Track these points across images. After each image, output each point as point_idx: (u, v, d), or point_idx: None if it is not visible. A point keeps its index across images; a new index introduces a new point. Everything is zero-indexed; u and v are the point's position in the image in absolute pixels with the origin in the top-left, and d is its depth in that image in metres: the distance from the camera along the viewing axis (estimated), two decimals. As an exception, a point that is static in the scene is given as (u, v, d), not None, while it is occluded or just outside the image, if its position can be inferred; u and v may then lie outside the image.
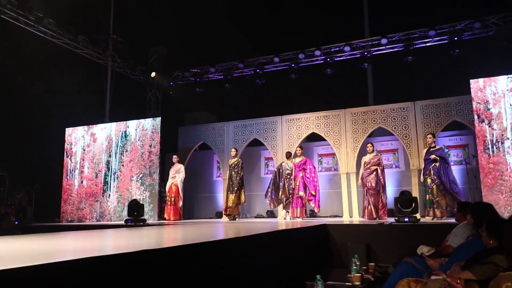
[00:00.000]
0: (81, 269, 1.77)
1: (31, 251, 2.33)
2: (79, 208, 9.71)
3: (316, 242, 5.55)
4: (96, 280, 1.83)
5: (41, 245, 2.80)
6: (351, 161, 8.99)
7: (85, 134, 10.16)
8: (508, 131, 7.21)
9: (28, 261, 1.68)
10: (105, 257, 1.97)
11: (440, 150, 7.54)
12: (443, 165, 7.15)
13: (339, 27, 13.23)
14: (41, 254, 2.18)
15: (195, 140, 10.82)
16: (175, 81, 12.36)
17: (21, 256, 2.08)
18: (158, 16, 12.78)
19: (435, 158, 7.17)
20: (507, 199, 6.93)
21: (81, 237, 3.90)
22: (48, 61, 10.89)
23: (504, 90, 7.38)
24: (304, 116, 9.72)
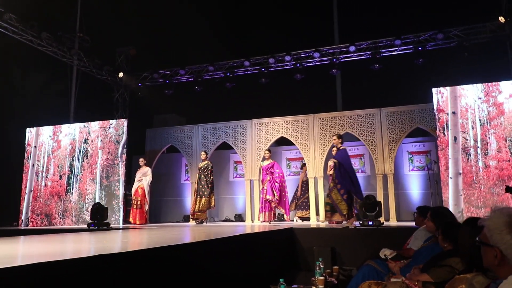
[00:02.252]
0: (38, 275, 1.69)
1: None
2: (46, 204, 9.38)
3: (283, 246, 5.58)
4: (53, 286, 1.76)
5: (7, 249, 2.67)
6: (319, 165, 9.12)
7: (50, 139, 9.78)
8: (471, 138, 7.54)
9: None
10: (63, 262, 1.90)
11: (340, 152, 7.19)
12: (343, 168, 6.97)
13: (310, 33, 13.46)
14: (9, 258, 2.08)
15: (163, 143, 10.66)
16: (143, 82, 12.14)
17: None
18: (127, 15, 12.56)
19: (334, 162, 7.06)
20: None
21: (41, 241, 3.75)
22: (9, 59, 10.46)
23: (464, 98, 7.72)
24: (273, 120, 9.79)
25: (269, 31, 13.69)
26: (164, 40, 13.27)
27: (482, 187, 7.24)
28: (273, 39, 13.05)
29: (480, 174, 7.30)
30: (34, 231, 7.76)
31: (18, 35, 9.44)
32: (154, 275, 2.48)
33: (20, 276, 1.63)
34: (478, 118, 7.54)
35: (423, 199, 9.34)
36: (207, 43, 12.60)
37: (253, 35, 13.77)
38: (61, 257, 2.03)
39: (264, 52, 11.07)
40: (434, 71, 11.09)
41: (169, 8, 12.43)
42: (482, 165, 7.33)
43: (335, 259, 5.27)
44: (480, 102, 7.59)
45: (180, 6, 12.29)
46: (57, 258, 1.98)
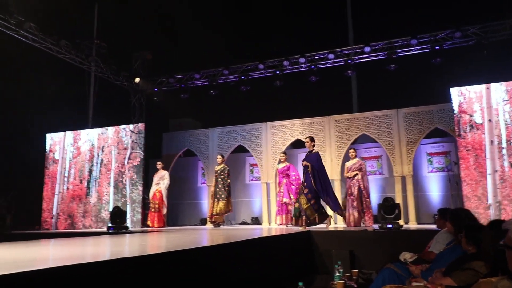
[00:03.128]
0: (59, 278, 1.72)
1: (5, 260, 2.25)
2: (69, 206, 9.65)
3: (300, 249, 5.54)
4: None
5: (18, 253, 2.72)
6: (336, 167, 9.05)
7: (71, 146, 9.99)
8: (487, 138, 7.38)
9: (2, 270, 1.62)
10: (84, 265, 1.92)
11: (313, 155, 7.00)
12: (314, 171, 6.77)
13: (324, 35, 13.39)
14: (17, 262, 2.12)
15: (179, 147, 10.74)
16: (159, 87, 12.27)
17: (-5, 266, 2.01)
18: (143, 21, 12.73)
19: (306, 165, 6.88)
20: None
21: (61, 245, 3.81)
22: (29, 66, 10.71)
23: (484, 97, 7.56)
24: (288, 123, 9.76)
25: (283, 33, 13.69)
26: (179, 44, 13.39)
27: (508, 186, 7.12)
28: (287, 41, 13.05)
29: (507, 173, 7.16)
30: (56, 234, 7.91)
31: (38, 43, 9.65)
32: (173, 278, 2.49)
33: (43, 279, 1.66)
34: (502, 119, 7.39)
35: (443, 201, 9.16)
36: (221, 47, 12.65)
37: (267, 38, 13.79)
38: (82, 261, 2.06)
39: (278, 54, 11.06)
40: (452, 70, 10.88)
41: (183, 12, 12.54)
42: (508, 165, 7.19)
43: (354, 263, 5.21)
44: (504, 103, 7.43)
45: (195, 10, 12.39)
46: (78, 261, 2.00)
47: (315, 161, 6.82)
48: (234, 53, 12.41)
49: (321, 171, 6.82)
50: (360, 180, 7.37)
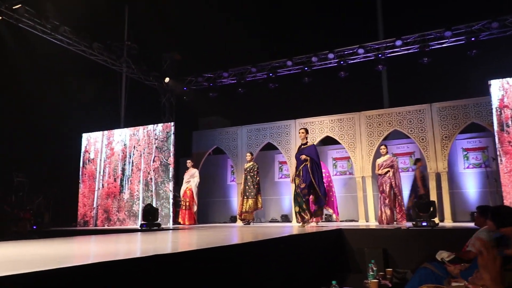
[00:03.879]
0: (95, 274, 1.75)
1: (45, 256, 2.33)
2: (105, 202, 10.02)
3: (332, 247, 5.46)
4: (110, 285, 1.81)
5: (56, 249, 2.81)
6: (366, 164, 8.87)
7: (105, 147, 10.30)
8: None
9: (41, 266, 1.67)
10: (119, 262, 1.95)
11: (310, 148, 6.67)
12: (314, 165, 6.47)
13: (353, 29, 13.15)
14: (55, 258, 2.18)
15: (209, 145, 10.85)
16: (188, 86, 12.43)
17: (35, 260, 2.08)
18: (171, 22, 12.90)
19: (305, 158, 6.52)
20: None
21: (96, 241, 3.91)
22: (64, 68, 11.08)
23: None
24: (318, 120, 9.65)
25: (311, 29, 13.53)
26: (207, 43, 13.50)
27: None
28: (315, 37, 12.89)
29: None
30: (92, 231, 8.16)
31: (72, 46, 9.98)
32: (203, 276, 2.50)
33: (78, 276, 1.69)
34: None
35: (480, 198, 8.81)
36: (249, 45, 12.65)
37: (295, 34, 13.67)
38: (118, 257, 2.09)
39: (307, 51, 10.96)
40: (490, 63, 10.43)
41: (211, 11, 12.63)
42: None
43: (388, 261, 5.09)
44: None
45: (222, 9, 12.44)
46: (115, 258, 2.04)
47: (314, 154, 6.55)
48: (261, 50, 12.39)
49: (318, 166, 6.55)
50: (392, 178, 7.18)
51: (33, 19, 8.87)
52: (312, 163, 6.41)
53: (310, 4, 13.51)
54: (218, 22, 12.70)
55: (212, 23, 12.93)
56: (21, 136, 10.89)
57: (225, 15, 12.47)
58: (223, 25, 12.64)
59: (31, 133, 11.15)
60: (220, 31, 12.87)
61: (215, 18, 12.67)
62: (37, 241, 3.89)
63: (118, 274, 1.87)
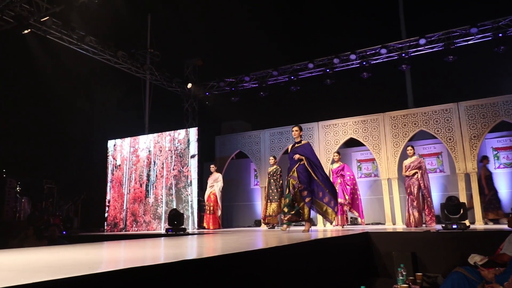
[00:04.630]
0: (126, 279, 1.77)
1: (77, 261, 2.38)
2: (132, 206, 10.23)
3: (358, 251, 5.37)
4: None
5: (87, 255, 2.87)
6: (392, 166, 8.71)
7: (131, 155, 10.51)
8: None
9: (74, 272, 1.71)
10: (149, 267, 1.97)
11: (304, 146, 6.07)
12: (311, 165, 5.86)
13: (374, 30, 13.00)
14: (86, 264, 2.23)
15: (232, 149, 10.89)
16: (210, 91, 12.54)
17: (68, 266, 2.13)
18: (193, 28, 13.08)
19: (300, 158, 5.88)
20: None
21: (125, 247, 3.97)
22: (90, 77, 11.39)
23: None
24: (341, 122, 9.55)
25: (332, 31, 13.45)
26: (228, 48, 13.61)
27: None
28: (336, 38, 12.80)
29: None
30: (119, 236, 8.31)
31: (98, 55, 10.23)
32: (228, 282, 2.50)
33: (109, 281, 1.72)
34: None
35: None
36: (270, 49, 12.69)
37: (316, 36, 13.62)
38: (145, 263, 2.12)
39: (328, 52, 10.89)
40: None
41: (231, 16, 12.72)
42: None
43: (417, 265, 4.96)
44: None
45: (242, 13, 12.52)
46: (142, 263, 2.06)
47: (310, 153, 5.93)
48: (283, 53, 12.41)
49: (318, 163, 5.95)
50: (420, 179, 7.02)
51: (60, 30, 9.15)
52: (309, 162, 5.81)
53: (331, 6, 13.44)
54: (239, 26, 12.79)
55: (233, 28, 13.03)
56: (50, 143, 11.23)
57: (245, 20, 12.54)
58: (244, 30, 12.72)
59: (59, 141, 11.49)
60: (241, 35, 12.96)
61: (236, 23, 12.76)
62: (68, 247, 3.98)
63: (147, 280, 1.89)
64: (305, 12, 13.82)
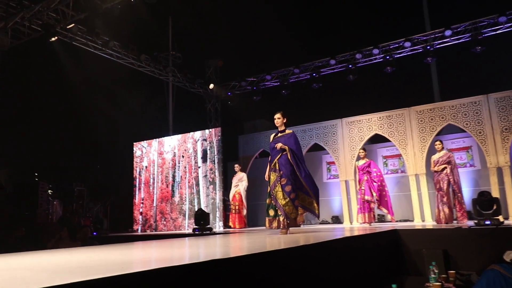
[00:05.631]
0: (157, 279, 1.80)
1: (110, 262, 2.43)
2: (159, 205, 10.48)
3: (388, 249, 5.28)
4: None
5: (119, 255, 2.93)
6: (420, 161, 8.51)
7: (157, 157, 10.70)
8: None
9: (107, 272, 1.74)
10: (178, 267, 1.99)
11: (288, 136, 5.24)
12: (295, 156, 5.10)
13: (397, 23, 12.74)
14: (118, 264, 2.27)
15: (255, 148, 10.90)
16: (232, 91, 12.59)
17: (100, 266, 2.17)
18: (213, 29, 13.15)
19: (282, 148, 5.10)
20: None
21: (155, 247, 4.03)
22: (114, 81, 11.62)
23: None
24: (365, 118, 9.40)
25: (353, 26, 13.25)
26: (249, 47, 13.62)
27: None
28: (358, 33, 12.61)
29: None
30: (147, 236, 8.46)
31: (121, 59, 10.44)
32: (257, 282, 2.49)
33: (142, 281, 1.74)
34: None
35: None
36: (290, 46, 12.62)
37: (336, 32, 13.46)
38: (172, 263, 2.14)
39: (350, 48, 10.75)
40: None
41: (251, 15, 12.73)
42: None
43: (449, 263, 4.83)
44: None
45: (262, 11, 12.49)
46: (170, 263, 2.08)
47: (294, 143, 5.18)
48: (303, 51, 12.32)
49: (302, 158, 5.24)
50: (450, 174, 6.82)
51: (85, 36, 9.37)
52: (292, 154, 5.08)
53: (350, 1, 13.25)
54: (259, 25, 12.78)
55: (253, 27, 13.04)
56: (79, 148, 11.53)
57: (265, 18, 12.51)
58: (264, 28, 12.70)
59: (88, 145, 11.79)
60: (261, 34, 12.94)
61: (256, 21, 12.76)
62: (100, 247, 4.08)
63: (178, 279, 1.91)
64: (324, 8, 13.67)
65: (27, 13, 8.41)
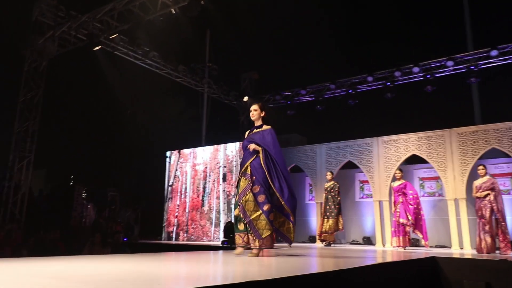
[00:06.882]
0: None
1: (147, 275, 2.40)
2: (190, 213, 10.61)
3: (425, 278, 5.02)
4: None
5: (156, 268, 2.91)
6: (460, 185, 8.14)
7: (190, 168, 10.85)
8: None
9: None
10: None
11: (264, 133, 4.22)
12: (268, 159, 4.08)
13: (438, 41, 12.42)
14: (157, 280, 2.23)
15: (287, 163, 10.77)
16: (266, 104, 12.58)
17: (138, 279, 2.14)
18: (250, 42, 13.26)
19: (255, 149, 4.11)
20: None
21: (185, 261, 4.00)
22: (152, 91, 11.89)
23: None
24: (402, 137, 9.12)
25: (392, 43, 13.02)
26: (285, 61, 13.63)
27: None
28: (397, 51, 12.36)
29: None
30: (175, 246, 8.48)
31: (160, 70, 10.67)
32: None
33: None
34: None
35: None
36: (327, 62, 12.52)
37: (375, 49, 13.25)
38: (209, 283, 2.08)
39: (388, 65, 10.54)
40: None
41: (288, 30, 12.76)
42: None
43: (493, 298, 4.53)
44: None
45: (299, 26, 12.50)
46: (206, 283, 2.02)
47: (271, 143, 4.16)
48: (340, 67, 12.18)
49: (280, 160, 4.17)
50: (493, 201, 6.47)
51: (127, 46, 9.65)
52: (266, 156, 4.09)
53: (391, 17, 13.05)
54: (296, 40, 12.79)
55: (290, 41, 13.06)
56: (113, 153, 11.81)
57: (303, 33, 12.51)
58: (301, 43, 12.70)
59: (122, 151, 12.06)
60: (298, 49, 12.94)
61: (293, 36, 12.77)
62: (132, 256, 4.08)
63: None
64: (363, 24, 13.53)
65: (74, 23, 8.77)
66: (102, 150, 11.67)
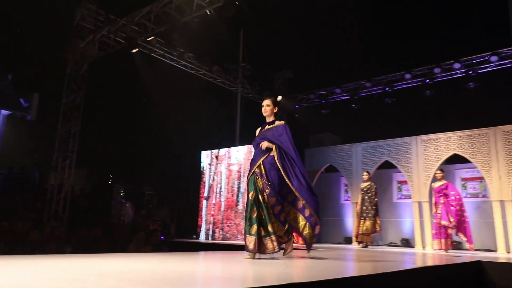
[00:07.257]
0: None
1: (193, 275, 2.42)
2: (225, 212, 10.78)
3: (469, 284, 4.80)
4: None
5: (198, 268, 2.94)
6: (506, 186, 7.76)
7: (225, 168, 10.98)
8: None
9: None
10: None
11: (278, 129, 4.07)
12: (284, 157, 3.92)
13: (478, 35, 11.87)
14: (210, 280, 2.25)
15: (321, 162, 10.67)
16: (300, 104, 12.48)
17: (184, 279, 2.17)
18: (284, 41, 13.18)
19: (269, 147, 3.95)
20: None
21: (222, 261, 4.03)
22: (187, 91, 12.07)
23: None
24: (443, 136, 8.80)
25: (431, 38, 12.57)
26: (319, 60, 13.46)
27: None
28: (436, 47, 11.92)
29: None
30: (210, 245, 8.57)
31: (194, 70, 10.81)
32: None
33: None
34: None
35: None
36: (362, 59, 12.26)
37: (412, 45, 12.84)
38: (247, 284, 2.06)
39: (426, 62, 10.18)
40: None
41: (323, 28, 12.58)
42: None
43: (545, 306, 4.27)
44: None
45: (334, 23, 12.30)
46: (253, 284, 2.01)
47: (286, 140, 3.98)
48: (376, 64, 11.90)
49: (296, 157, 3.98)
50: (544, 204, 6.12)
51: (163, 48, 9.84)
52: (280, 153, 3.91)
53: (429, 12, 12.60)
54: (331, 37, 12.59)
55: (324, 39, 12.88)
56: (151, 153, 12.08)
57: (337, 30, 12.31)
58: (336, 40, 12.49)
59: (159, 151, 12.32)
60: (332, 46, 12.74)
61: (328, 33, 12.59)
62: (172, 255, 4.15)
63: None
64: (400, 20, 13.13)
65: (113, 27, 9.03)
66: (139, 150, 11.98)
